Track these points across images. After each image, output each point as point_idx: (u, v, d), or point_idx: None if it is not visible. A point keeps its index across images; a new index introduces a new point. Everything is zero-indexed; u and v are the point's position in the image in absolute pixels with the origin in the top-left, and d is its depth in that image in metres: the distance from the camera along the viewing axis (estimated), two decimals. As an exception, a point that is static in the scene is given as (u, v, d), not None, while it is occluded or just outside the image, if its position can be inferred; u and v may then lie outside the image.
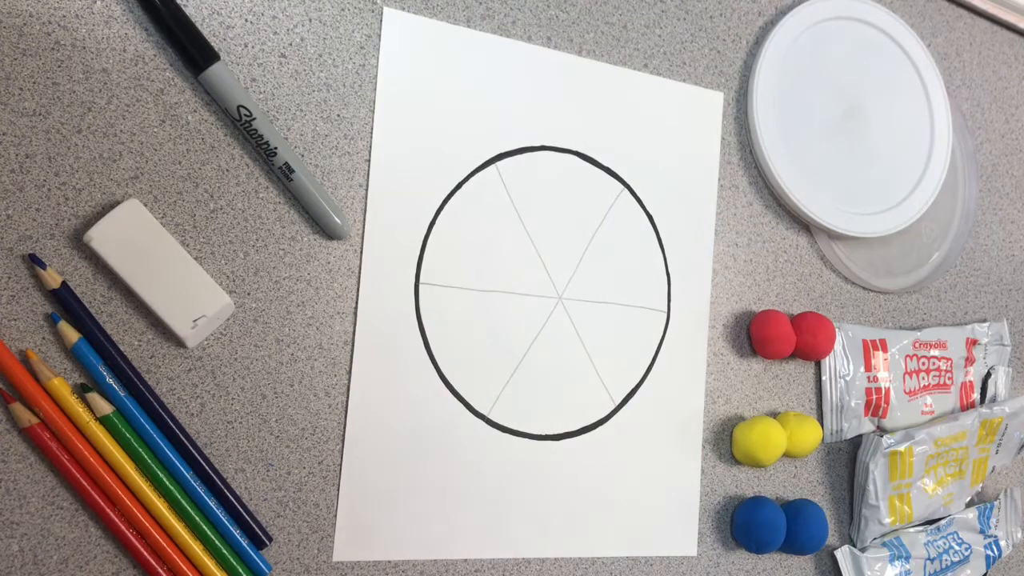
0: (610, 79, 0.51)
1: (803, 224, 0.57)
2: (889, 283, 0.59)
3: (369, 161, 0.45)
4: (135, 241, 0.39)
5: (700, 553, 0.53)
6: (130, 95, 0.40)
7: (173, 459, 0.40)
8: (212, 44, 0.42)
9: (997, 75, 0.67)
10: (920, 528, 0.59)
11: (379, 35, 0.45)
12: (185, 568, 0.40)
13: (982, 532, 0.61)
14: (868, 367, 0.57)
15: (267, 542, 0.42)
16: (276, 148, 0.41)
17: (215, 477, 0.41)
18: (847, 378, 0.56)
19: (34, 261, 0.38)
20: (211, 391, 0.42)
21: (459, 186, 0.47)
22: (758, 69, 0.54)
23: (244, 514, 0.41)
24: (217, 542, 0.41)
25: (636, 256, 0.51)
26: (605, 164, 0.51)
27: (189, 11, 0.42)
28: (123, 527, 0.39)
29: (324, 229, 0.43)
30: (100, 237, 0.38)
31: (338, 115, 0.44)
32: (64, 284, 0.38)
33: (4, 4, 0.38)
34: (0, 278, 0.38)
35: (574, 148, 0.50)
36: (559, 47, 0.50)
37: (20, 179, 0.38)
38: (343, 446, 0.44)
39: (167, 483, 0.40)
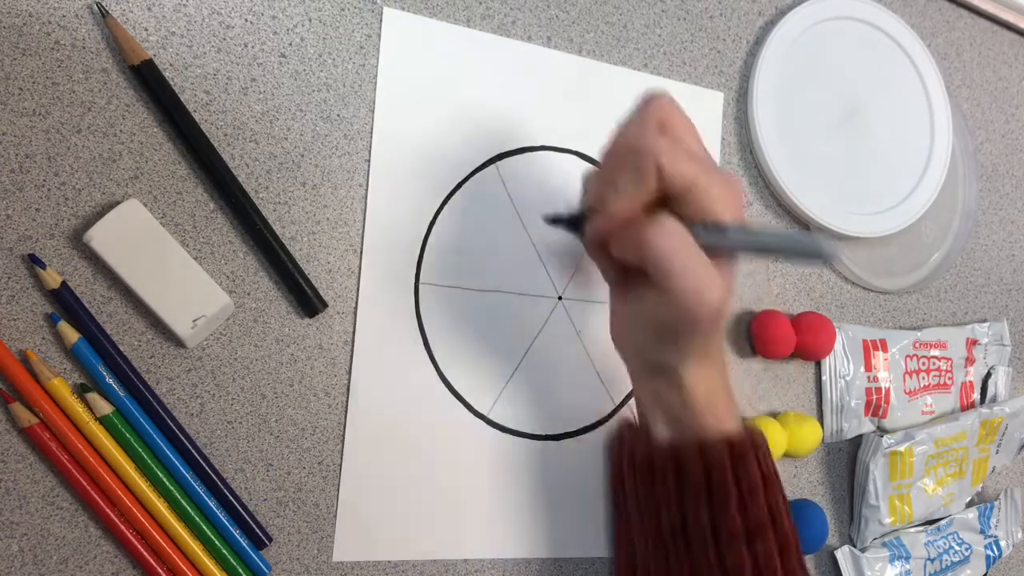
0: (610, 79, 0.51)
1: (803, 224, 0.57)
2: (889, 283, 0.59)
3: (369, 161, 0.45)
4: (135, 241, 0.39)
5: (700, 553, 0.53)
6: (130, 95, 0.40)
7: (173, 459, 0.40)
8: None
9: (997, 75, 0.66)
10: (920, 528, 0.58)
11: (379, 35, 0.45)
12: (185, 568, 0.40)
13: (982, 532, 0.61)
14: (868, 367, 0.57)
15: (267, 542, 0.42)
16: None
17: (215, 477, 0.41)
18: (847, 378, 0.56)
19: (34, 261, 0.38)
20: (211, 391, 0.42)
21: (459, 186, 0.47)
22: (758, 69, 0.54)
23: (244, 514, 0.41)
24: (217, 542, 0.41)
25: (636, 256, 0.51)
26: (605, 164, 0.51)
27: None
28: (123, 527, 0.39)
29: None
30: (100, 237, 0.38)
31: (338, 115, 0.44)
32: (64, 284, 0.38)
33: (4, 4, 0.38)
34: (0, 278, 0.38)
35: (574, 148, 0.50)
36: (559, 47, 0.50)
37: (20, 179, 0.38)
38: (343, 446, 0.44)
39: (167, 483, 0.40)
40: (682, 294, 0.35)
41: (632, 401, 0.50)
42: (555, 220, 0.42)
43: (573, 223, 0.41)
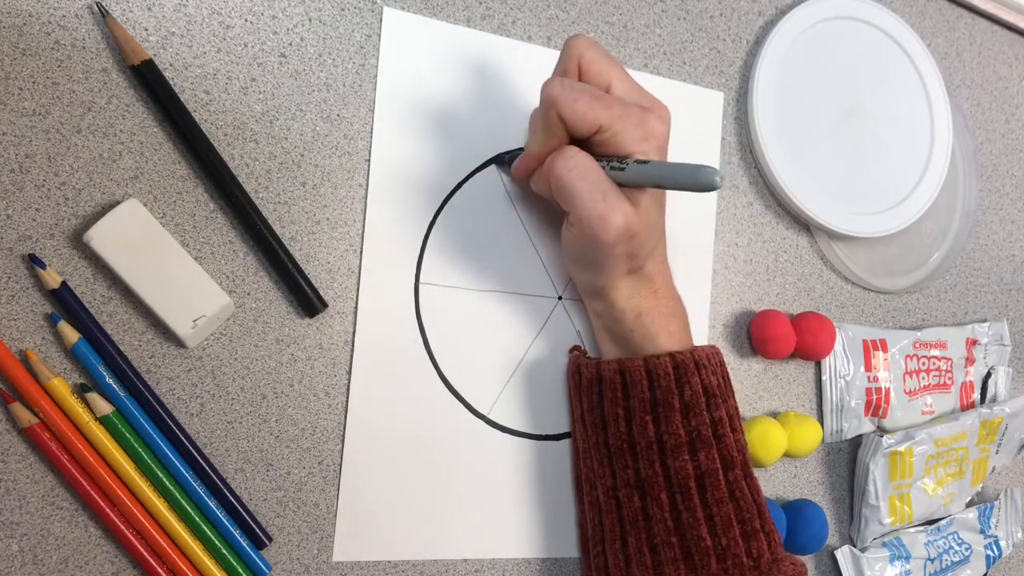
0: (610, 79, 0.51)
1: (803, 224, 0.57)
2: (889, 283, 0.59)
3: (369, 161, 0.45)
4: (135, 241, 0.39)
5: (700, 553, 0.52)
6: (130, 95, 0.40)
7: (173, 459, 0.40)
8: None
9: (997, 75, 0.67)
10: (920, 528, 0.58)
11: (379, 35, 0.45)
12: (185, 568, 0.40)
13: (982, 532, 0.61)
14: (868, 367, 0.57)
15: (267, 542, 0.42)
16: None
17: (215, 477, 0.41)
18: (847, 378, 0.56)
19: (34, 261, 0.38)
20: (211, 391, 0.42)
21: (459, 186, 0.47)
22: (758, 69, 0.54)
23: (244, 514, 0.41)
24: (217, 542, 0.41)
25: (636, 256, 0.51)
26: (605, 164, 0.51)
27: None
28: (123, 527, 0.39)
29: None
30: (100, 237, 0.38)
31: (338, 115, 0.44)
32: (64, 284, 0.38)
33: (4, 4, 0.38)
34: (0, 278, 0.38)
35: (574, 148, 0.50)
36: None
37: (20, 179, 0.38)
38: (343, 446, 0.44)
39: (167, 483, 0.40)
40: (587, 220, 0.38)
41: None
42: (499, 163, 0.47)
43: (510, 165, 0.47)
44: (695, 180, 0.35)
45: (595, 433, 0.44)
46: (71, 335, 0.38)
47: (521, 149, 0.46)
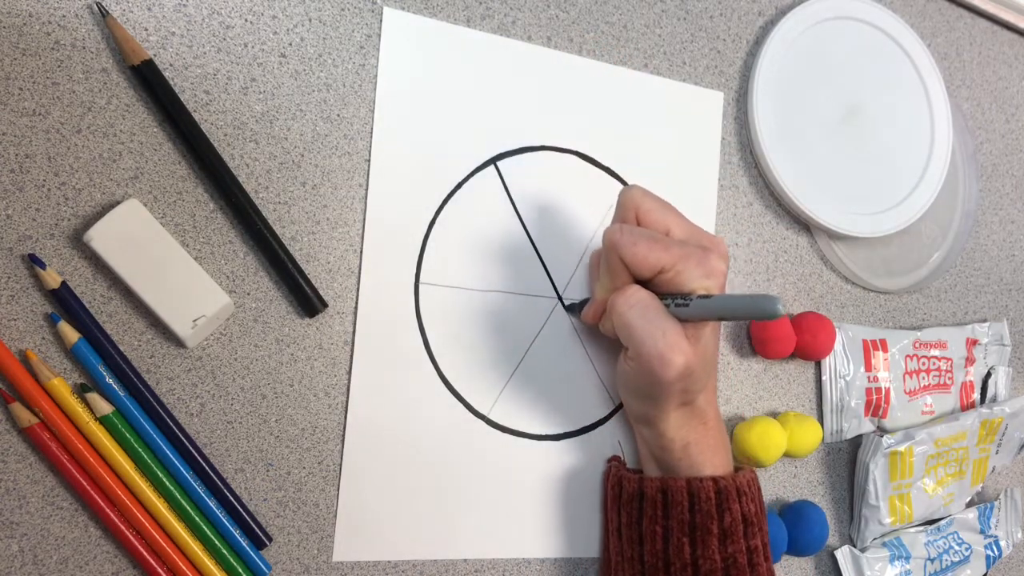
0: (610, 79, 0.51)
1: (803, 224, 0.57)
2: (889, 283, 0.59)
3: (369, 161, 0.45)
4: (135, 241, 0.39)
5: (700, 553, 0.52)
6: (130, 95, 0.40)
7: (173, 459, 0.40)
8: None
9: (997, 75, 0.67)
10: (920, 528, 0.58)
11: (379, 35, 0.45)
12: (185, 568, 0.40)
13: (982, 532, 0.61)
14: (868, 367, 0.57)
15: (267, 542, 0.42)
16: None
17: (215, 477, 0.41)
18: (847, 378, 0.56)
19: (34, 261, 0.38)
20: (211, 391, 0.42)
21: (459, 186, 0.47)
22: (758, 69, 0.54)
23: (244, 514, 0.41)
24: (217, 542, 0.41)
25: (636, 256, 0.51)
26: (605, 164, 0.51)
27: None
28: (123, 527, 0.39)
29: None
30: (100, 237, 0.38)
31: (338, 115, 0.44)
32: (64, 284, 0.38)
33: (4, 4, 0.38)
34: (0, 278, 0.38)
35: (574, 148, 0.50)
36: (559, 47, 0.50)
37: (20, 179, 0.39)
38: (343, 446, 0.44)
39: (167, 483, 0.40)
40: (648, 359, 0.39)
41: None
42: (570, 310, 0.49)
43: (581, 309, 0.48)
44: (759, 310, 0.36)
45: (631, 548, 0.44)
46: (71, 335, 0.38)
47: (580, 302, 0.48)
